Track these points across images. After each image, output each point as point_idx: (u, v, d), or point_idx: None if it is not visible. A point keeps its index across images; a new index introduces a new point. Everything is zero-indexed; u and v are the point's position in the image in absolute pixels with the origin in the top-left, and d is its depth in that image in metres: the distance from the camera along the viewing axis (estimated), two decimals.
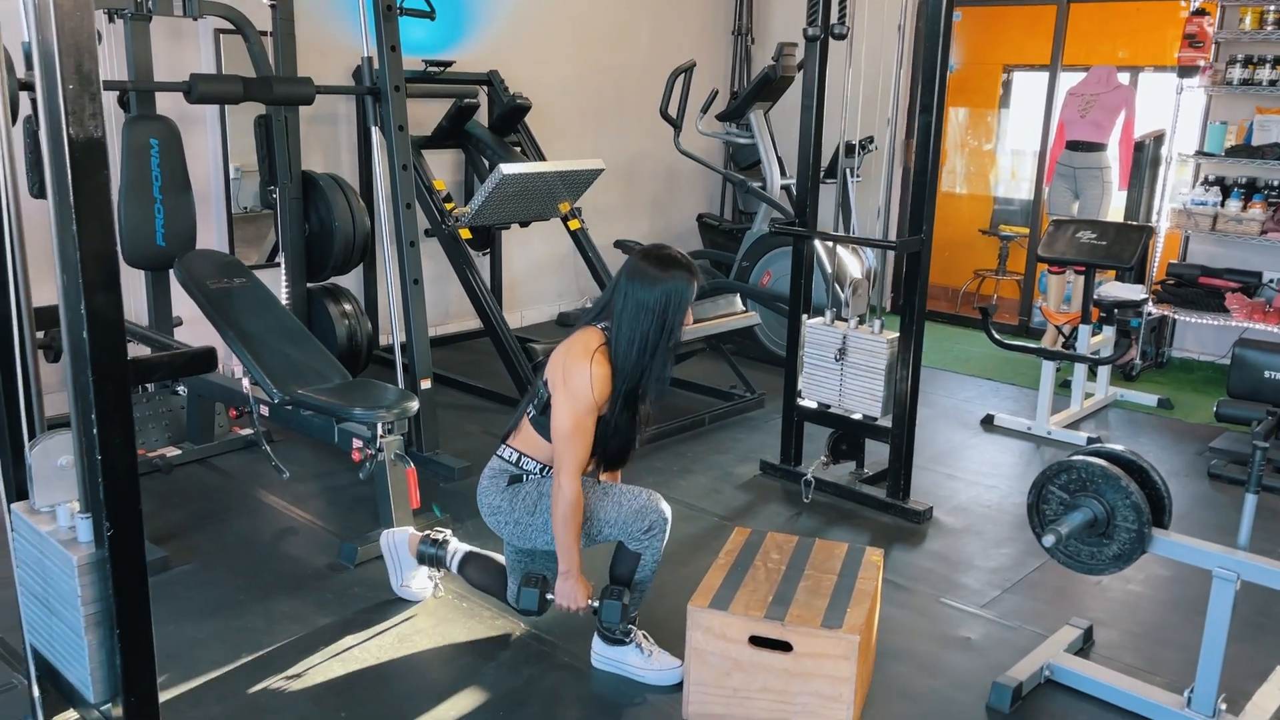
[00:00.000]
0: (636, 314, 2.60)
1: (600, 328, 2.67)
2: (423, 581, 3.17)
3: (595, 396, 2.58)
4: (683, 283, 2.62)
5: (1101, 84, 6.03)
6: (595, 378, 2.57)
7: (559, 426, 2.59)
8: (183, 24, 4.73)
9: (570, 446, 2.58)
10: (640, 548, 2.72)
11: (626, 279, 2.63)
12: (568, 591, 2.70)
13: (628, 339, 2.60)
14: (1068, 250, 4.98)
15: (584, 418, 2.59)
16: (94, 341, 1.74)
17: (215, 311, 3.80)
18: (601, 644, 2.81)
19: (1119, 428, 5.07)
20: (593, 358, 2.58)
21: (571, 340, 2.66)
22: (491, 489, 2.80)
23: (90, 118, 1.68)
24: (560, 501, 2.59)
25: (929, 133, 3.52)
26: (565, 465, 2.59)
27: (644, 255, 2.66)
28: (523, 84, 6.05)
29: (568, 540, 2.63)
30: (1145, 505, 2.54)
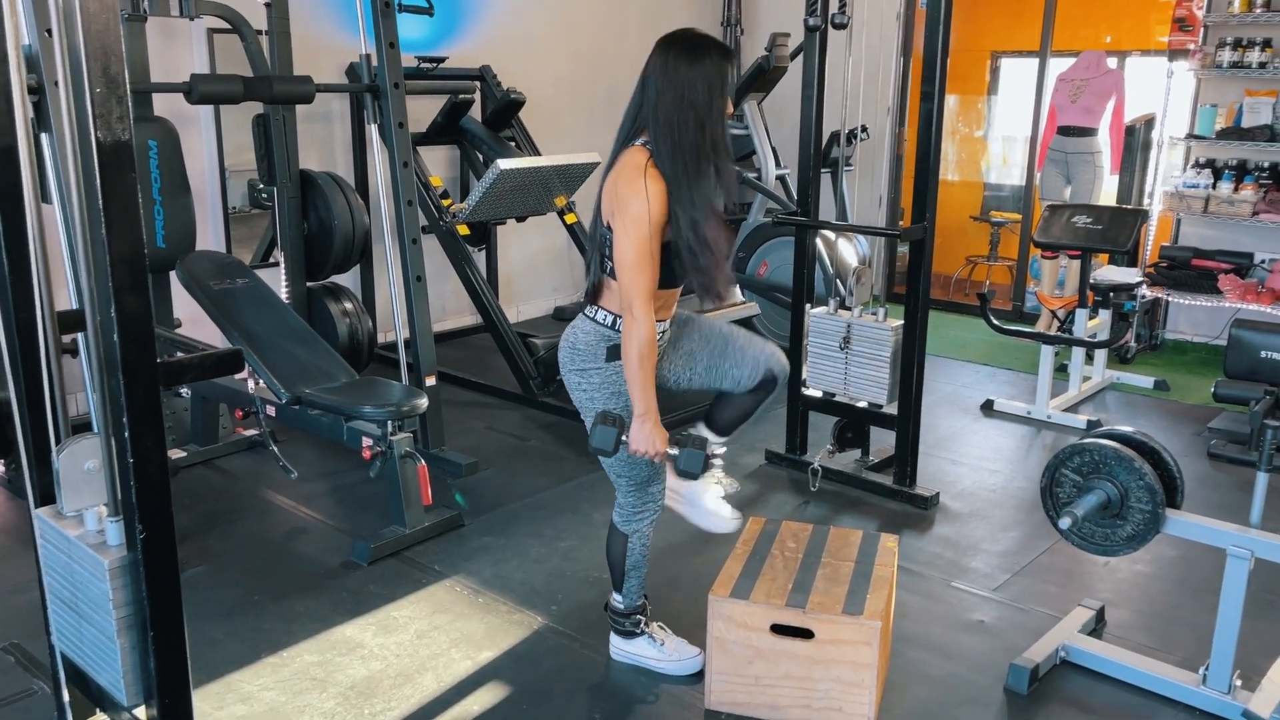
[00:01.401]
0: (676, 110, 2.35)
1: (641, 144, 2.43)
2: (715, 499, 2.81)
3: (654, 214, 2.35)
4: (718, 66, 2.38)
5: (1091, 69, 6.06)
6: (651, 194, 2.34)
7: (623, 256, 2.37)
8: (176, 24, 4.71)
9: (637, 274, 2.36)
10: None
11: (658, 74, 2.37)
12: (645, 435, 2.44)
13: (672, 139, 2.36)
14: (1063, 235, 5.02)
15: (648, 241, 2.35)
16: (125, 344, 1.73)
17: (219, 312, 3.79)
18: (617, 639, 2.82)
19: (1117, 410, 5.12)
20: (645, 173, 2.36)
21: (619, 166, 2.43)
22: (588, 358, 2.52)
23: (118, 120, 1.67)
24: (633, 336, 2.37)
25: (930, 120, 3.54)
26: (635, 295, 2.36)
27: (667, 44, 2.39)
28: (515, 79, 6.04)
29: (643, 378, 2.40)
30: (1159, 486, 2.57)
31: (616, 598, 2.79)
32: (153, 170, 4.00)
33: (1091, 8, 7.11)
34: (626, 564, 2.73)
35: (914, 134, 7.40)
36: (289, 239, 4.59)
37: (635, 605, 2.80)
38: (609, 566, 2.78)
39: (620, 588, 2.77)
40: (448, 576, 3.30)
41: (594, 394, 2.55)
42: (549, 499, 3.91)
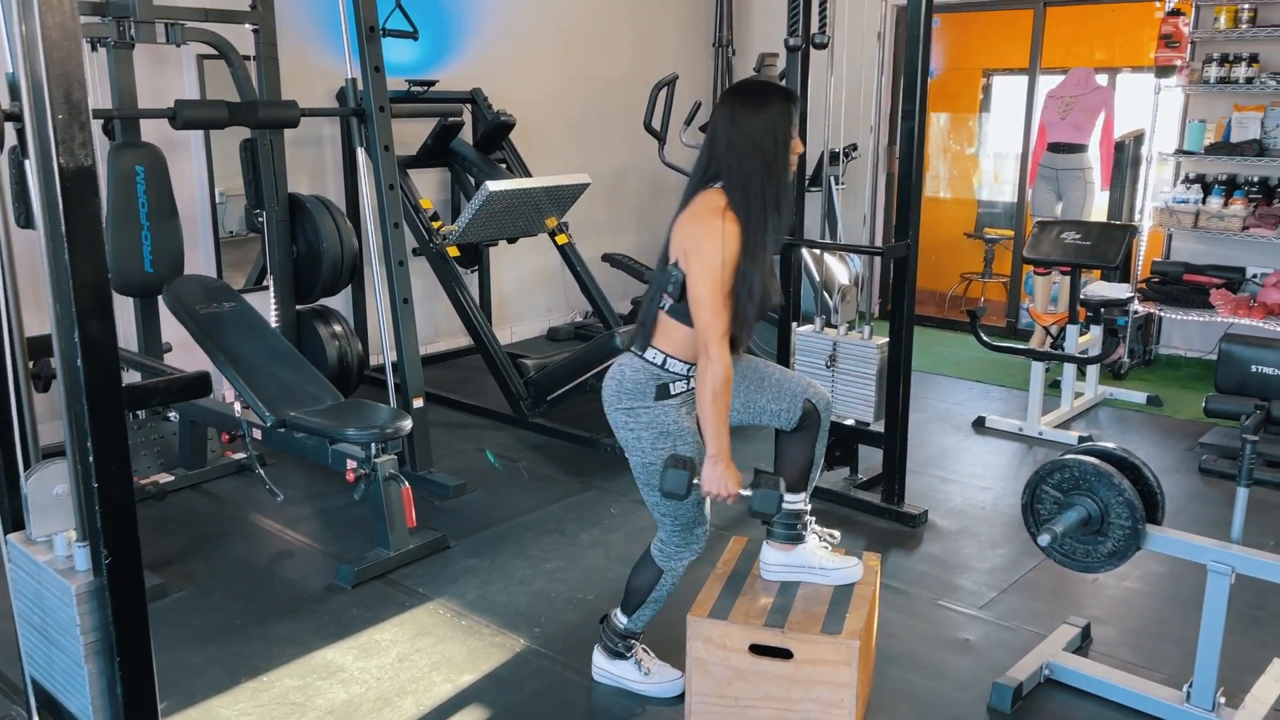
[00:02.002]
0: (746, 158, 2.42)
1: (717, 187, 2.46)
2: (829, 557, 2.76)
3: (728, 256, 2.38)
4: (782, 110, 2.44)
5: (1080, 86, 6.08)
6: (728, 235, 2.38)
7: (699, 295, 2.38)
8: (165, 50, 4.74)
9: (715, 315, 2.38)
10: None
11: (726, 126, 2.44)
12: (717, 477, 2.42)
13: (743, 191, 2.42)
14: (1053, 251, 5.02)
15: (724, 282, 2.38)
16: (88, 369, 1.74)
17: (205, 336, 3.80)
18: (601, 656, 2.80)
19: (1109, 426, 5.10)
20: (724, 215, 2.40)
21: (693, 207, 2.47)
22: (637, 397, 2.52)
23: (80, 147, 1.68)
24: (708, 376, 2.38)
25: (912, 139, 3.55)
26: (712, 336, 2.38)
27: (732, 95, 2.47)
28: (507, 101, 6.08)
29: (717, 418, 2.40)
30: (1138, 502, 2.56)
31: (621, 618, 2.77)
32: (140, 195, 4.02)
33: (1083, 25, 7.15)
34: (651, 595, 2.71)
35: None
36: (277, 262, 4.61)
37: (636, 632, 2.78)
38: (627, 589, 2.75)
39: (631, 612, 2.74)
40: (431, 599, 3.29)
41: (640, 433, 2.53)
42: (536, 520, 3.90)
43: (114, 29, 3.80)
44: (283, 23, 5.08)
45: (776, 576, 2.73)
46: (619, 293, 6.78)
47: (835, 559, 2.73)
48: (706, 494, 2.46)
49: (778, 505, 2.42)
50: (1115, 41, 7.19)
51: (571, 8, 6.72)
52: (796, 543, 2.72)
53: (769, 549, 2.75)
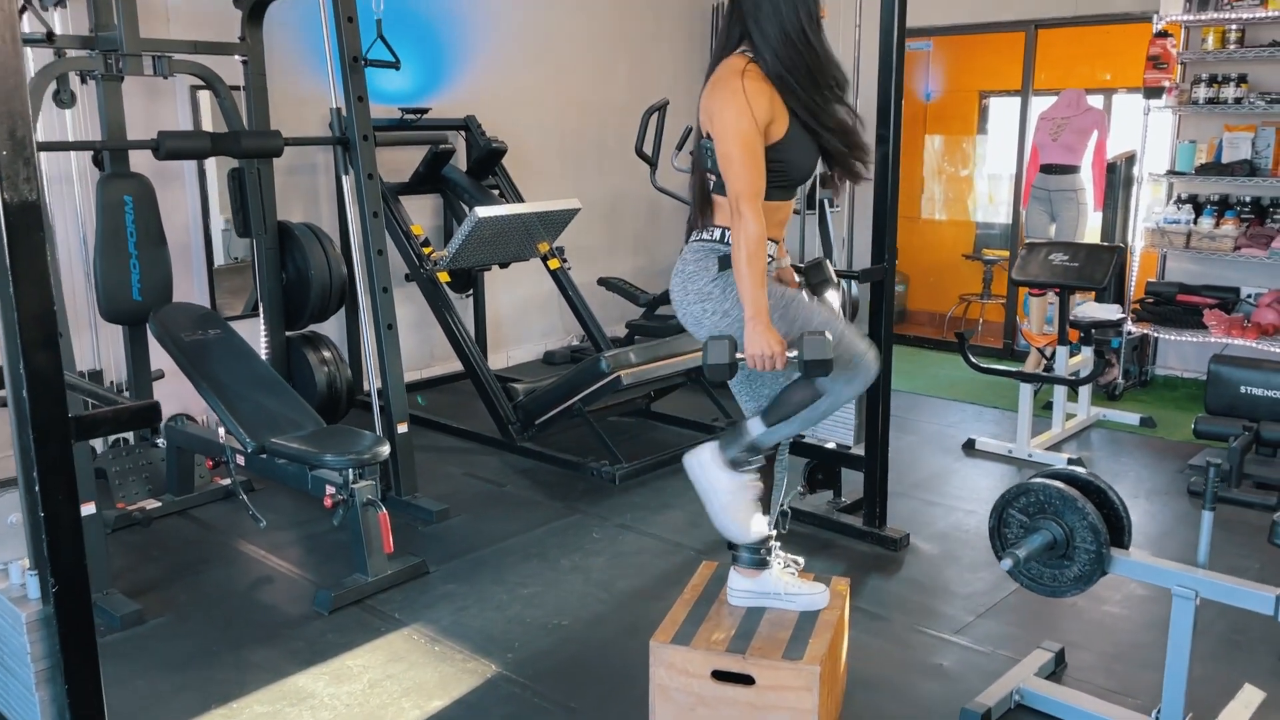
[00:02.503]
0: (773, 14, 2.40)
1: (739, 51, 2.46)
2: (795, 582, 2.76)
3: (757, 113, 2.35)
4: None
5: (1072, 107, 6.09)
6: (750, 92, 2.35)
7: (725, 152, 2.36)
8: (159, 82, 4.80)
9: (744, 172, 2.34)
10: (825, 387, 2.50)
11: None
12: (757, 338, 2.35)
13: (775, 42, 2.40)
14: (1040, 273, 5.01)
15: (751, 138, 2.35)
16: (34, 400, 1.76)
17: (189, 363, 3.84)
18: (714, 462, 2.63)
19: (1101, 448, 5.07)
20: (744, 74, 2.37)
21: (716, 74, 2.45)
22: (699, 275, 2.49)
23: (25, 182, 1.71)
24: (741, 235, 2.33)
25: (886, 163, 3.56)
26: (743, 193, 2.33)
27: None
28: (501, 128, 6.13)
29: (752, 278, 2.34)
30: (1102, 526, 2.55)
31: (756, 424, 2.58)
32: (129, 225, 4.07)
33: (1079, 47, 7.16)
34: (801, 413, 2.53)
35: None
36: (267, 289, 4.65)
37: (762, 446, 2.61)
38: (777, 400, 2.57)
39: (772, 422, 2.55)
40: (406, 625, 3.29)
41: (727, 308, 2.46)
42: (518, 545, 3.91)
43: (101, 62, 3.85)
44: (278, 54, 5.17)
45: (742, 602, 2.73)
46: (615, 316, 6.80)
47: (801, 585, 2.73)
48: (752, 359, 2.38)
49: (829, 349, 2.33)
50: (1112, 62, 7.20)
51: (566, 36, 6.78)
52: (761, 568, 2.73)
53: (735, 574, 2.75)
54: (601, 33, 6.99)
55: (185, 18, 4.90)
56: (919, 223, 8.29)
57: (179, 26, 4.88)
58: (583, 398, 4.63)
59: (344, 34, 3.97)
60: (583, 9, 6.86)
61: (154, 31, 4.74)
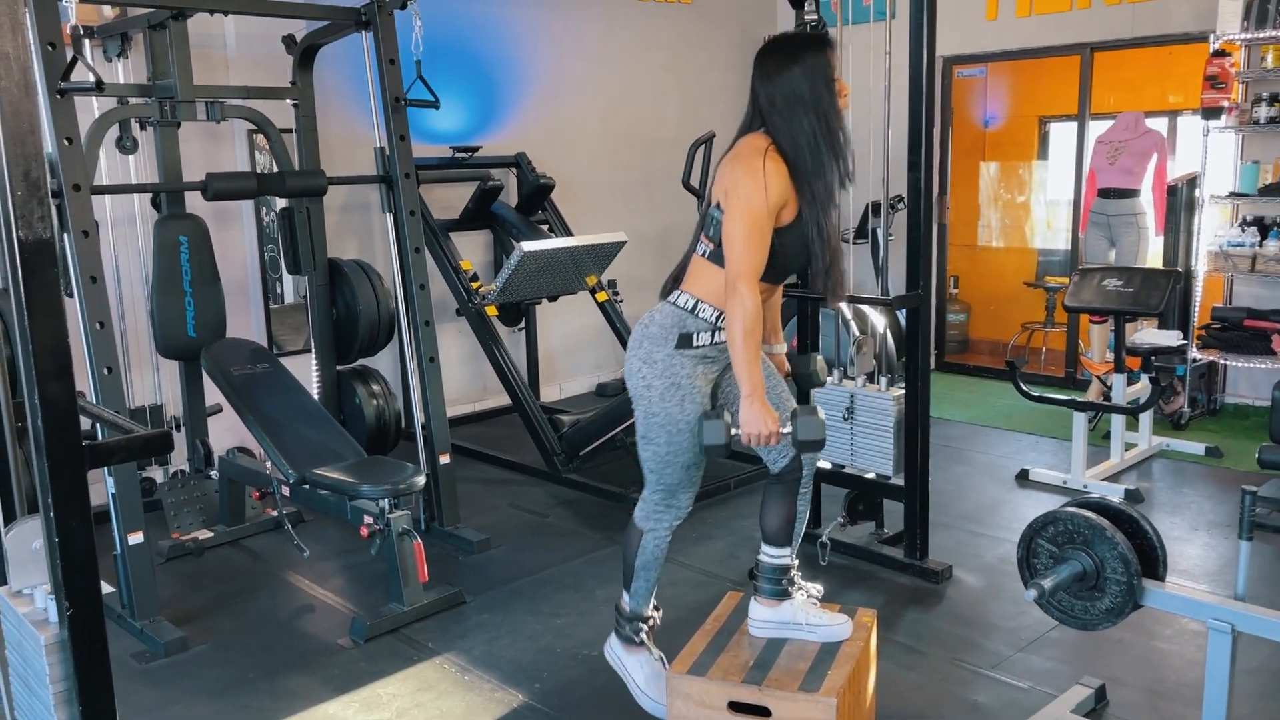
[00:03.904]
0: (788, 110, 2.41)
1: (761, 130, 2.47)
2: (817, 613, 2.72)
3: (772, 195, 2.36)
4: (817, 56, 2.43)
5: (1129, 130, 5.96)
6: (770, 173, 2.36)
7: (732, 230, 2.36)
8: (218, 126, 5.00)
9: (746, 252, 2.34)
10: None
11: (761, 83, 2.46)
12: (755, 416, 2.37)
13: (791, 138, 2.41)
14: (1094, 299, 4.89)
15: (761, 219, 2.35)
16: (48, 429, 1.83)
17: (237, 396, 3.96)
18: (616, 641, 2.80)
19: (1163, 478, 4.91)
20: (765, 154, 2.39)
21: (736, 149, 2.47)
22: (659, 341, 2.49)
23: (39, 220, 1.80)
24: (738, 312, 2.33)
25: (919, 190, 3.53)
26: (742, 272, 2.34)
27: (764, 52, 2.48)
28: (552, 164, 6.22)
29: (748, 355, 2.34)
30: (1133, 556, 2.47)
31: (625, 597, 2.76)
32: (183, 263, 4.22)
33: (1140, 69, 7.01)
34: (637, 561, 2.68)
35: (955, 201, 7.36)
36: (317, 325, 4.77)
37: (639, 611, 2.74)
38: (623, 565, 2.75)
39: (629, 587, 2.74)
40: (439, 654, 3.32)
41: (653, 381, 2.49)
42: (555, 575, 3.92)
43: (158, 109, 4.02)
44: (332, 97, 5.34)
45: (763, 632, 2.70)
46: None
47: (823, 615, 2.69)
48: (748, 437, 2.40)
49: (821, 429, 2.35)
50: (1176, 84, 7.03)
51: (616, 73, 6.87)
52: (782, 599, 2.70)
53: (755, 605, 2.73)
54: (652, 68, 7.07)
55: (244, 65, 5.10)
56: (978, 250, 8.16)
57: (238, 73, 5.08)
58: (625, 428, 4.63)
59: (386, 76, 4.09)
60: (633, 47, 6.95)
61: (214, 79, 4.95)
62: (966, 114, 7.80)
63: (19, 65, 1.76)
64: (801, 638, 2.67)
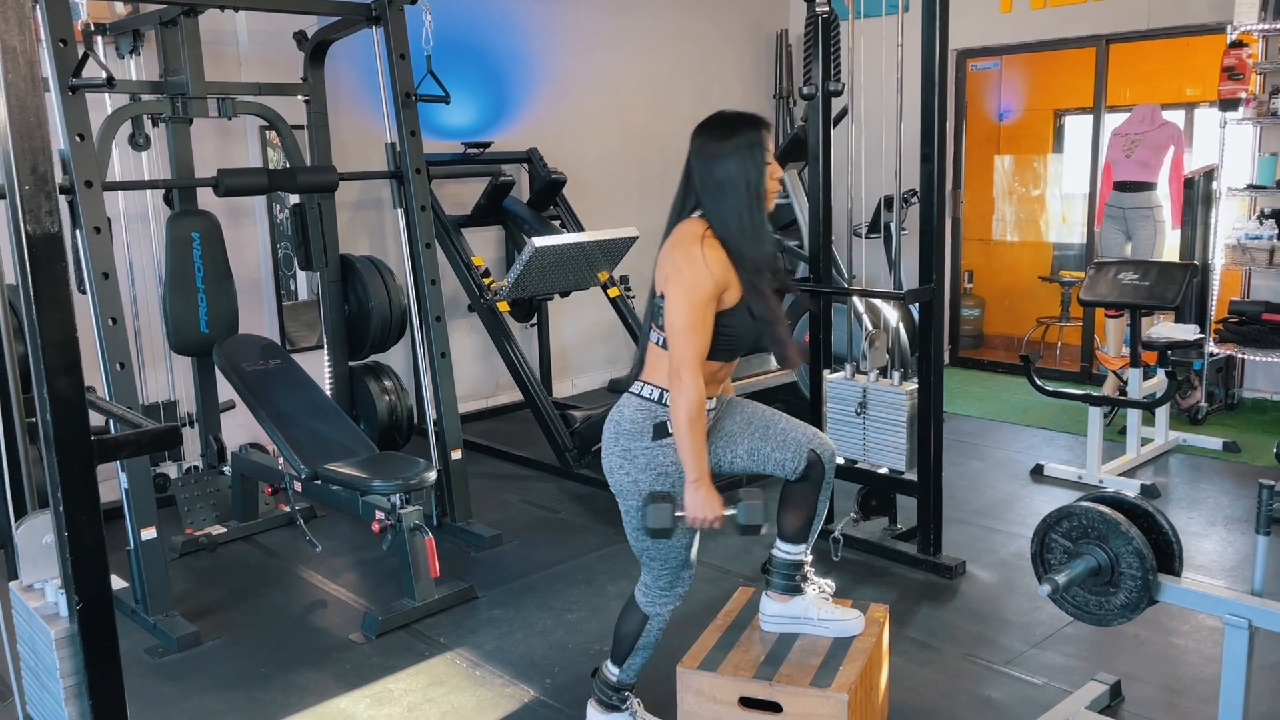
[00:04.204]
0: (719, 193, 2.40)
1: (697, 216, 2.46)
2: (820, 602, 2.73)
3: (714, 280, 2.36)
4: (751, 139, 2.41)
5: (1145, 122, 5.91)
6: (710, 261, 2.35)
7: (674, 322, 2.36)
8: (231, 123, 5.01)
9: (688, 340, 2.35)
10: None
11: (696, 160, 2.44)
12: (699, 502, 2.39)
13: (722, 220, 2.40)
14: (1109, 293, 4.85)
15: (702, 307, 2.35)
16: (57, 423, 1.83)
17: (249, 392, 3.96)
18: (596, 711, 2.77)
19: (1179, 474, 4.87)
20: (703, 241, 2.38)
21: (674, 236, 2.45)
22: (634, 435, 2.47)
23: (47, 215, 1.80)
24: (681, 401, 2.34)
25: (931, 182, 3.50)
26: (685, 361, 2.34)
27: (703, 129, 2.46)
28: (564, 160, 6.21)
29: (694, 442, 2.36)
30: (1149, 551, 2.44)
31: (612, 669, 2.73)
32: (196, 260, 4.23)
33: (1157, 62, 6.95)
34: (639, 643, 2.66)
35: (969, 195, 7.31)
36: (330, 321, 4.78)
37: (629, 683, 2.74)
38: (615, 639, 2.71)
39: (621, 662, 2.70)
40: (451, 649, 3.32)
41: (638, 476, 2.47)
42: (566, 571, 3.91)
43: (169, 105, 4.03)
44: (345, 93, 5.35)
45: (774, 627, 2.69)
46: None
47: (834, 610, 2.67)
48: (692, 521, 2.42)
49: (763, 515, 2.38)
50: (1194, 76, 6.97)
51: (629, 68, 6.86)
52: (794, 594, 2.68)
53: (767, 599, 2.71)
54: (664, 63, 7.05)
55: (256, 61, 5.11)
56: (993, 245, 8.11)
57: (249, 70, 5.09)
58: None
59: (396, 71, 4.09)
60: (645, 40, 6.93)
61: (226, 75, 4.96)
62: (981, 108, 7.75)
63: (26, 60, 1.76)
64: (813, 633, 2.65)
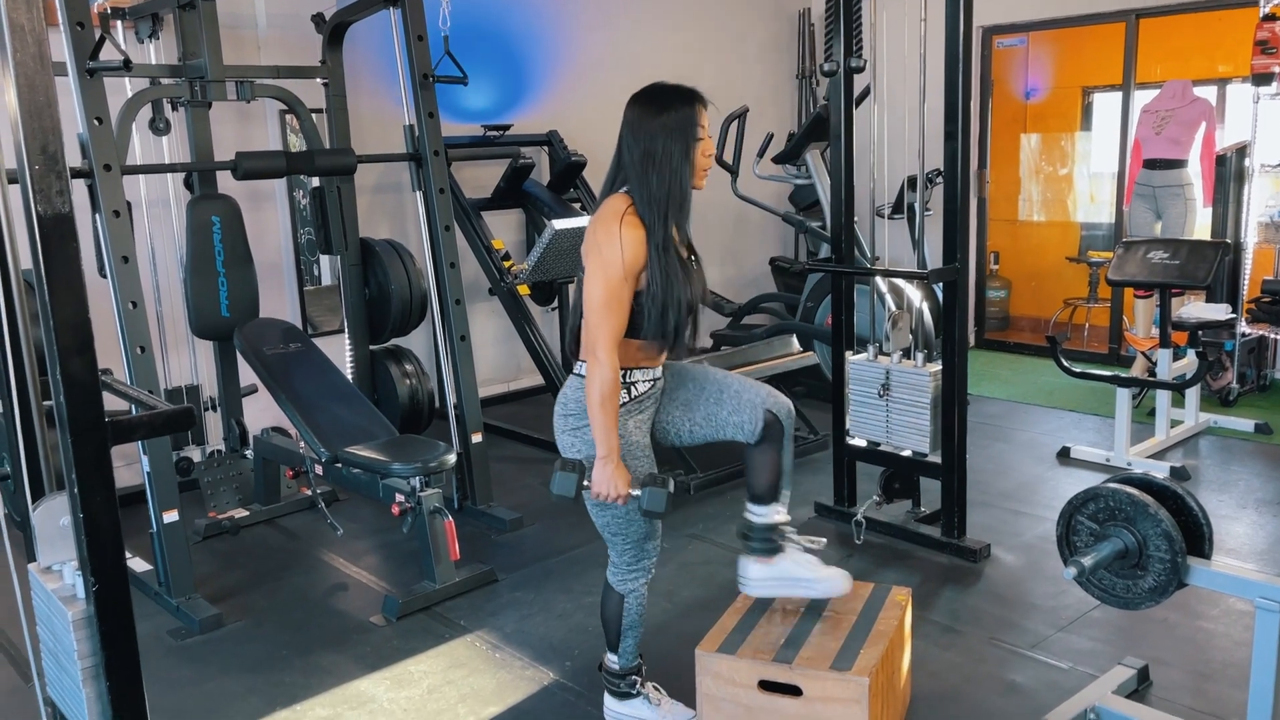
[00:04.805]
0: (646, 165, 2.38)
1: (624, 192, 2.44)
2: (806, 559, 2.66)
3: (627, 260, 2.33)
4: (685, 114, 2.40)
5: (1176, 98, 5.80)
6: (626, 240, 2.33)
7: (591, 297, 2.35)
8: (251, 106, 5.01)
9: (605, 318, 2.34)
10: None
11: (626, 132, 2.43)
12: (605, 478, 2.41)
13: (645, 195, 2.38)
14: (1139, 272, 4.77)
15: (618, 286, 2.33)
16: (70, 405, 1.83)
17: (269, 376, 3.97)
18: (611, 700, 2.75)
19: (1209, 456, 4.79)
20: (622, 220, 2.35)
21: (599, 212, 2.43)
22: (578, 414, 2.49)
23: (57, 195, 1.79)
24: (595, 378, 2.35)
25: (956, 160, 3.44)
26: (600, 338, 2.34)
27: (637, 100, 2.45)
28: (584, 141, 6.17)
29: (604, 419, 2.38)
30: (1177, 533, 2.39)
31: (611, 658, 2.72)
32: (216, 244, 4.23)
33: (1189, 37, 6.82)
34: (623, 624, 2.66)
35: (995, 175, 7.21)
36: (350, 305, 4.78)
37: (631, 666, 2.72)
38: (604, 626, 2.71)
39: (616, 648, 2.70)
40: (470, 631, 3.32)
41: (589, 452, 2.47)
42: (586, 554, 3.90)
43: (188, 89, 4.02)
44: (365, 76, 5.33)
45: (758, 590, 2.66)
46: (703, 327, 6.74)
47: (819, 569, 2.61)
48: (596, 495, 2.44)
49: (665, 503, 2.40)
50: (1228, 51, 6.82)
51: (648, 47, 6.79)
52: (775, 554, 2.62)
53: (748, 563, 2.65)
54: (685, 43, 6.98)
55: (274, 44, 5.10)
56: (1019, 225, 8.01)
57: (268, 53, 5.08)
58: None
59: (414, 52, 4.06)
60: (666, 21, 6.87)
61: (245, 58, 4.95)
62: (1007, 86, 7.64)
63: (34, 38, 1.75)
64: (799, 593, 2.62)
